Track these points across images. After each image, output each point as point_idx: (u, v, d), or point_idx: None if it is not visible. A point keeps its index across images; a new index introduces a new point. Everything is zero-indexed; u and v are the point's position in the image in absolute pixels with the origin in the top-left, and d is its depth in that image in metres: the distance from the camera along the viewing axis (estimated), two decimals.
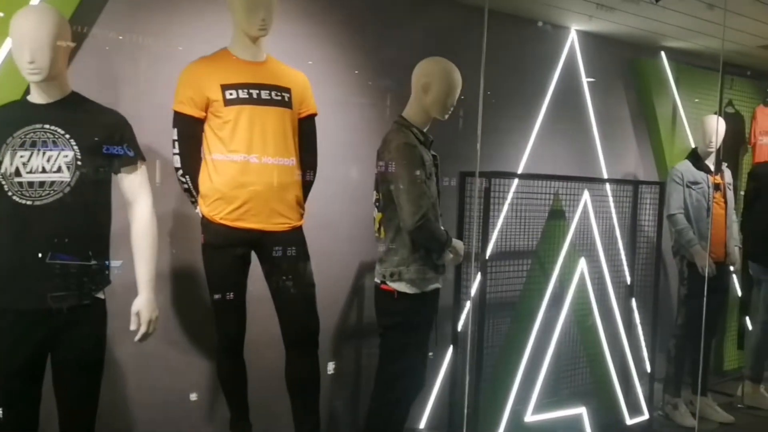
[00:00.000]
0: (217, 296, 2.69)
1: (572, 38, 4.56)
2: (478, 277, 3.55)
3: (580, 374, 4.26)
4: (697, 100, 5.25)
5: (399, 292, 2.79)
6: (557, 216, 3.86)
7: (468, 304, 3.67)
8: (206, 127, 2.67)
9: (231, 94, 2.62)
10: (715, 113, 4.60)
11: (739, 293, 5.32)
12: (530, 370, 3.72)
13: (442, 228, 2.90)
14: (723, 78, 5.21)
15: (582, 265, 3.88)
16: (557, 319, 3.79)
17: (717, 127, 4.29)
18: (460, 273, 3.64)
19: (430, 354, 3.02)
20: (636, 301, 4.35)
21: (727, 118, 5.42)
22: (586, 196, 3.92)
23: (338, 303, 3.67)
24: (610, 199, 4.40)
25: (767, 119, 5.45)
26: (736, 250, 4.52)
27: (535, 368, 3.74)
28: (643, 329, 4.42)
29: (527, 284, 3.78)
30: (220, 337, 2.80)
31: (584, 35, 4.61)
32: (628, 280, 4.30)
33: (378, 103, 3.74)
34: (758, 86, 5.63)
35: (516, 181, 3.97)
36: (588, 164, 4.71)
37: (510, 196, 3.96)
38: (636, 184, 4.33)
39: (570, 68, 4.58)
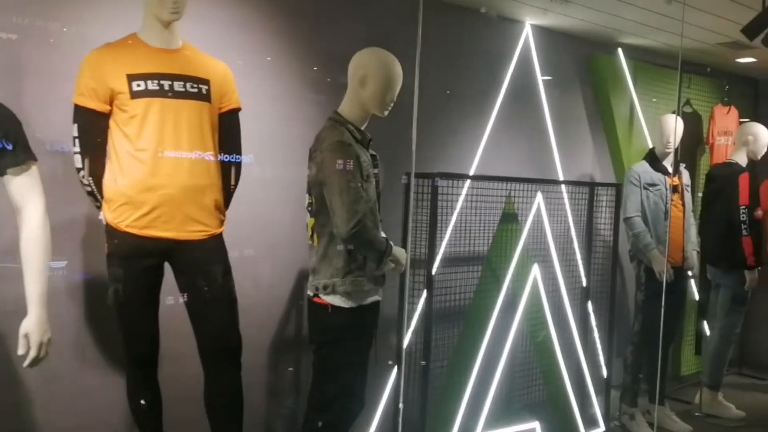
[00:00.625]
0: (124, 314, 2.39)
1: (527, 33, 4.35)
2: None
3: (535, 386, 4.06)
4: (654, 100, 5.10)
5: (333, 306, 2.53)
6: (509, 219, 3.64)
7: (414, 317, 3.43)
8: (111, 122, 2.37)
9: (138, 85, 2.32)
10: (674, 113, 4.45)
11: (697, 297, 5.20)
12: (481, 384, 3.49)
13: (383, 235, 2.65)
14: (681, 76, 5.07)
15: (535, 270, 3.67)
16: (509, 329, 3.57)
17: (675, 127, 4.12)
18: (404, 283, 3.38)
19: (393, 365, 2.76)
20: (592, 307, 4.16)
21: (685, 117, 5.27)
22: (539, 198, 3.70)
23: (275, 314, 3.39)
24: (566, 201, 4.20)
25: (725, 119, 5.33)
26: (694, 254, 4.37)
27: (486, 381, 3.51)
28: (599, 336, 4.24)
29: (478, 292, 3.55)
30: (129, 358, 2.50)
31: (539, 30, 4.40)
32: (584, 285, 4.11)
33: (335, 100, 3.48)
34: (717, 85, 5.51)
35: (468, 182, 3.74)
36: (543, 165, 4.51)
37: (461, 198, 3.73)
38: (592, 185, 4.14)
39: (525, 65, 4.37)
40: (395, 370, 3.39)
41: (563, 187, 4.19)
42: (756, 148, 4.52)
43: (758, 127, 4.56)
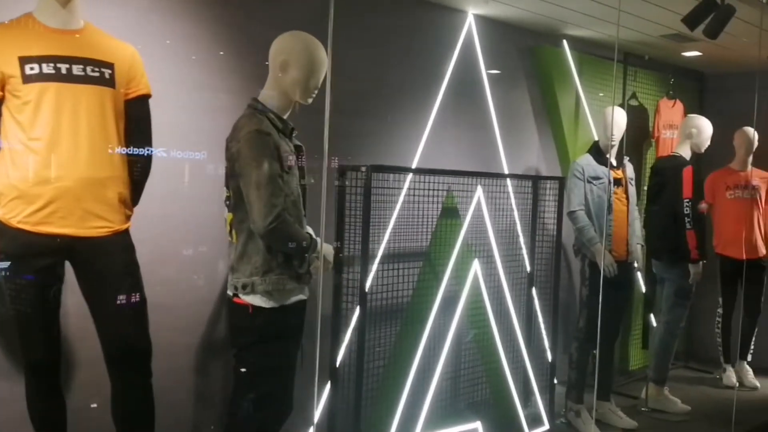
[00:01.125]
0: (19, 317, 2.19)
1: (470, 23, 4.24)
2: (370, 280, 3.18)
3: (479, 384, 3.96)
4: (602, 94, 5.04)
5: (254, 307, 2.37)
6: (450, 214, 3.52)
7: (354, 317, 3.28)
8: (3, 109, 2.17)
9: (32, 68, 2.13)
10: (621, 105, 4.39)
11: (644, 290, 5.18)
12: (421, 384, 3.37)
13: (309, 231, 2.50)
14: (626, 68, 5.04)
15: (476, 266, 3.56)
16: (450, 327, 3.45)
17: (613, 119, 4.05)
18: (340, 280, 3.23)
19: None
20: (538, 302, 4.08)
21: (631, 111, 5.26)
22: (479, 192, 3.59)
23: (200, 315, 3.21)
24: (511, 195, 4.11)
25: (670, 112, 5.31)
26: (638, 248, 4.32)
27: (426, 380, 3.39)
28: (545, 331, 4.16)
29: (418, 289, 3.42)
30: (27, 365, 2.31)
31: (482, 20, 4.30)
32: (528, 272, 4.03)
33: (247, 87, 3.29)
34: (662, 78, 5.49)
35: (410, 176, 3.61)
36: (488, 159, 4.41)
37: (403, 192, 3.61)
38: (535, 179, 4.06)
39: (468, 56, 4.26)
40: (329, 371, 3.24)
41: (508, 180, 4.09)
42: (699, 141, 4.50)
43: (702, 120, 4.54)
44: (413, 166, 3.89)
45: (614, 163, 4.18)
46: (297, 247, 2.35)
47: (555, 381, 4.21)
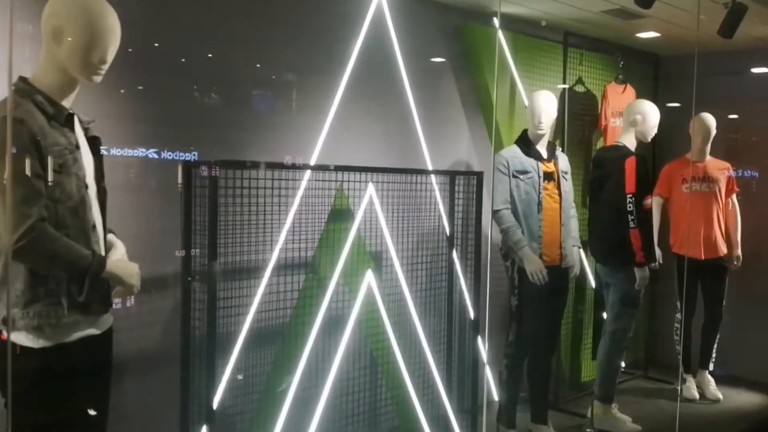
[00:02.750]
0: None
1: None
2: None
3: (384, 412, 3.45)
4: (555, 81, 4.52)
5: (21, 347, 1.84)
6: (341, 217, 3.01)
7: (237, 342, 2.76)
8: None
9: None
10: (568, 88, 3.89)
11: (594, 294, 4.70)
12: (304, 415, 2.86)
13: (100, 246, 1.96)
14: (566, 49, 4.53)
15: (369, 277, 3.05)
16: (337, 350, 2.94)
17: (537, 105, 3.54)
18: (188, 300, 2.70)
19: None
20: (455, 316, 3.58)
21: (578, 97, 4.77)
22: (370, 190, 3.08)
23: None
24: (427, 193, 3.60)
25: (620, 99, 4.81)
26: (575, 251, 3.82)
27: (312, 408, 2.89)
28: (462, 350, 3.65)
29: (298, 307, 2.91)
30: None
31: None
32: (447, 291, 3.52)
33: None
34: (612, 61, 4.99)
35: (308, 173, 3.09)
36: (407, 153, 3.89)
37: (300, 193, 3.09)
38: (453, 174, 3.55)
39: (381, 36, 3.74)
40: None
41: (433, 177, 3.58)
42: (645, 129, 4.00)
43: (647, 105, 4.04)
44: (311, 163, 3.38)
45: (544, 154, 3.68)
46: (69, 268, 1.82)
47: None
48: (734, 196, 4.77)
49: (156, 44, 2.89)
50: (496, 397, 3.93)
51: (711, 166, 4.70)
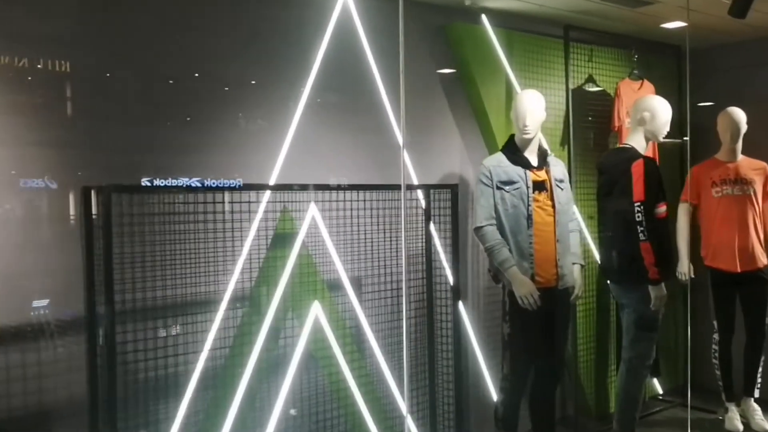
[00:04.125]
0: None
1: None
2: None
3: None
4: (555, 81, 4.11)
5: None
6: (285, 241, 2.68)
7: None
8: None
9: None
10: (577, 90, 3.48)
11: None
12: None
13: None
14: (567, 44, 4.09)
15: (317, 308, 2.70)
16: (282, 391, 2.59)
17: (518, 105, 3.13)
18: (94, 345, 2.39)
19: None
20: (437, 353, 3.18)
21: (589, 98, 4.32)
22: (313, 210, 2.74)
23: None
24: (398, 211, 3.24)
25: (634, 96, 4.31)
26: (575, 270, 3.36)
27: None
28: (433, 390, 3.23)
29: (235, 346, 2.57)
30: None
31: None
32: (428, 321, 3.13)
33: None
34: (627, 56, 4.52)
35: (268, 195, 2.77)
36: (389, 168, 3.54)
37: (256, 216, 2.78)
38: (427, 188, 3.17)
39: (350, 40, 3.43)
40: None
41: (418, 192, 3.22)
42: (654, 128, 3.53)
43: (655, 101, 3.57)
44: (272, 181, 3.06)
45: (533, 161, 3.26)
46: None
47: None
48: None
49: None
50: None
51: (744, 167, 4.16)
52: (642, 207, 3.32)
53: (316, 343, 2.66)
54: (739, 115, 4.10)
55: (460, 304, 3.68)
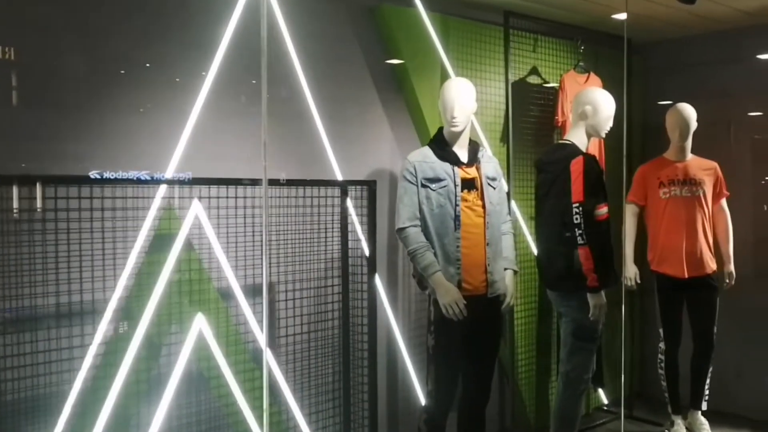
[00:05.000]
0: None
1: None
2: None
3: None
4: (497, 71, 3.82)
5: None
6: (164, 244, 2.33)
7: None
8: None
9: None
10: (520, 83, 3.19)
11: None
12: None
13: None
14: (507, 33, 3.81)
15: (201, 321, 2.35)
16: (157, 415, 2.24)
17: (444, 95, 2.83)
18: None
19: None
20: (352, 363, 2.87)
21: (532, 91, 4.05)
22: (197, 207, 2.39)
23: None
24: (312, 209, 2.91)
25: (580, 90, 4.04)
26: (508, 276, 3.08)
27: None
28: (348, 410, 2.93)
29: (105, 366, 2.22)
30: None
31: None
32: (342, 330, 2.82)
33: None
34: (573, 47, 4.26)
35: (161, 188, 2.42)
36: (311, 163, 3.22)
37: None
38: (344, 185, 2.85)
39: (260, 22, 3.08)
40: None
41: (315, 190, 2.90)
42: (596, 122, 3.27)
43: (598, 94, 3.31)
44: (168, 174, 2.70)
45: (462, 157, 2.97)
46: None
47: None
48: (723, 201, 3.99)
49: None
50: None
51: (693, 167, 3.93)
52: (580, 208, 3.05)
53: (209, 360, 2.32)
54: (689, 111, 3.87)
55: (390, 314, 3.38)
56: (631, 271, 3.98)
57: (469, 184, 2.93)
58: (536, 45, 4.09)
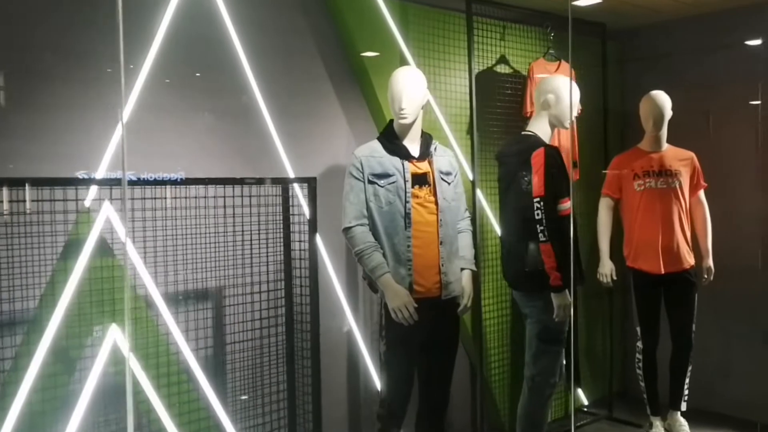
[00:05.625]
0: None
1: None
2: None
3: None
4: (462, 60, 3.64)
5: None
6: (75, 250, 2.16)
7: None
8: None
9: None
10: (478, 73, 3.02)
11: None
12: None
13: None
14: (470, 19, 3.63)
15: (114, 333, 2.19)
16: None
17: (392, 86, 2.66)
18: None
19: None
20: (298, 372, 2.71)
21: (500, 81, 3.88)
22: (107, 210, 2.23)
23: None
24: (253, 209, 2.74)
25: None
26: (465, 277, 2.91)
27: None
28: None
29: (8, 380, 2.05)
30: None
31: None
32: (286, 338, 2.65)
33: None
34: (544, 35, 4.08)
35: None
36: (260, 159, 3.06)
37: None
38: (285, 183, 2.69)
39: (204, 9, 2.92)
40: None
41: (257, 188, 2.73)
42: (559, 112, 3.09)
43: (560, 81, 3.14)
44: (98, 176, 2.54)
45: (413, 151, 2.80)
46: None
47: None
48: (701, 193, 3.81)
49: None
50: None
51: (669, 157, 3.75)
52: (541, 203, 2.88)
53: (122, 375, 2.15)
54: (662, 99, 3.69)
55: (351, 316, 3.22)
56: (606, 268, 3.81)
57: (420, 180, 2.76)
58: (505, 33, 3.91)
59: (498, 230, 3.77)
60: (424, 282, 2.72)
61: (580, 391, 4.36)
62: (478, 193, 3.60)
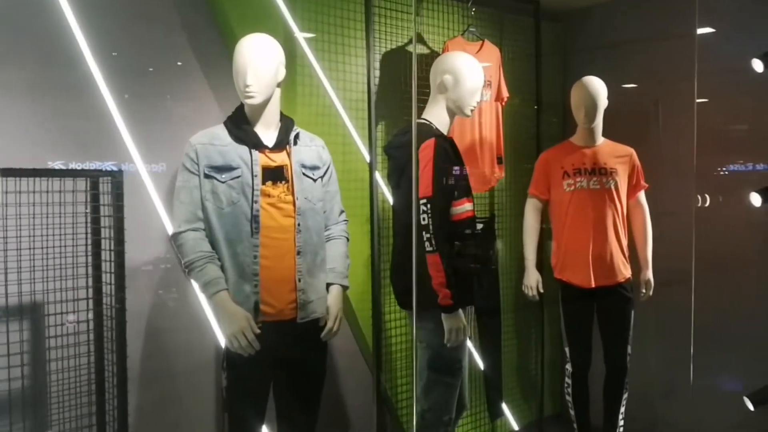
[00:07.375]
0: None
1: None
2: None
3: None
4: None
5: None
6: None
7: None
8: None
9: None
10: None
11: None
12: None
13: None
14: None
15: None
16: None
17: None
18: None
19: None
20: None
21: (417, 61, 3.34)
22: None
23: None
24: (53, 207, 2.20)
25: None
26: (332, 294, 2.37)
27: None
28: None
29: None
30: None
31: None
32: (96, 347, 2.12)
33: None
34: (464, 11, 3.56)
35: None
36: (96, 144, 2.52)
37: None
38: (92, 176, 2.14)
39: None
40: None
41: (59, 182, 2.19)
42: (459, 96, 2.58)
43: (460, 60, 2.62)
44: None
45: (265, 139, 2.27)
46: None
47: None
48: (641, 195, 3.32)
49: None
50: None
51: (604, 153, 3.25)
52: (429, 205, 2.37)
53: None
54: (596, 86, 3.18)
55: (217, 330, 2.68)
56: (532, 279, 3.31)
57: (274, 174, 2.23)
58: (419, 7, 3.39)
59: None
60: (274, 301, 2.19)
61: (509, 414, 3.86)
62: (381, 184, 3.07)
